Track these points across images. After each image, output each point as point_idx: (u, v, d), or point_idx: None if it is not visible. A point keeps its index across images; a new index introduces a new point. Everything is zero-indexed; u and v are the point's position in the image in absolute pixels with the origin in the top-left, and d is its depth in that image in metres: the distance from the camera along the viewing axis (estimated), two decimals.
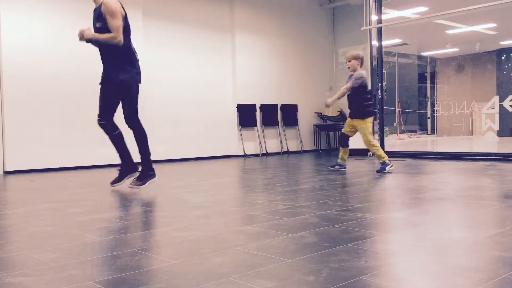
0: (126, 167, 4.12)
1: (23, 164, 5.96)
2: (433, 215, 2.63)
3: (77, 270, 1.71)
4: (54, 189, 4.27)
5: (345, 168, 5.34)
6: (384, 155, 5.12)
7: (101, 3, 3.78)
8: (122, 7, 3.83)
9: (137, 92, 3.96)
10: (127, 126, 3.96)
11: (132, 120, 3.93)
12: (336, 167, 5.34)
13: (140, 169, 4.09)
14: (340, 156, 5.33)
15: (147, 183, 4.01)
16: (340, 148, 5.35)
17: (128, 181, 4.09)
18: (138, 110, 3.98)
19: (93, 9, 3.91)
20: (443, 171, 5.09)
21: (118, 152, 4.07)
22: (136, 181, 4.00)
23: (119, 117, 3.98)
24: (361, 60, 5.20)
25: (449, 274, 1.57)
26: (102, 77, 4.00)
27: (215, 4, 8.18)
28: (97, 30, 3.84)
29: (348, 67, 5.23)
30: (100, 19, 3.78)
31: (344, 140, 5.33)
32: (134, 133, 3.97)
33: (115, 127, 4.01)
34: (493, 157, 6.48)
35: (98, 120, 3.98)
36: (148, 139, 4.03)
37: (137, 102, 3.97)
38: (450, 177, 4.62)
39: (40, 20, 6.09)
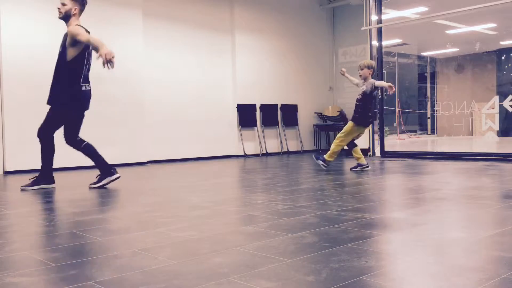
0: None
1: (23, 164, 5.95)
2: (433, 215, 2.63)
3: (77, 270, 1.71)
4: (54, 189, 4.27)
5: (368, 166, 5.35)
6: (332, 156, 5.28)
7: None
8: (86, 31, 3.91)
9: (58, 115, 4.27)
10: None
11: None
12: (358, 167, 5.34)
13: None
14: (356, 158, 5.37)
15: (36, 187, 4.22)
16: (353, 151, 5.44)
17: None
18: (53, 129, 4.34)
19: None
20: (443, 171, 5.09)
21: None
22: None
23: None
24: (373, 70, 5.34)
25: (449, 274, 1.57)
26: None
27: (215, 4, 8.18)
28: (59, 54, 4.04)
29: (360, 75, 5.32)
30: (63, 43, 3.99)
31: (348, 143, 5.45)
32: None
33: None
34: (493, 157, 6.47)
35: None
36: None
37: (53, 122, 4.33)
38: (450, 177, 4.62)
39: (40, 20, 6.09)
